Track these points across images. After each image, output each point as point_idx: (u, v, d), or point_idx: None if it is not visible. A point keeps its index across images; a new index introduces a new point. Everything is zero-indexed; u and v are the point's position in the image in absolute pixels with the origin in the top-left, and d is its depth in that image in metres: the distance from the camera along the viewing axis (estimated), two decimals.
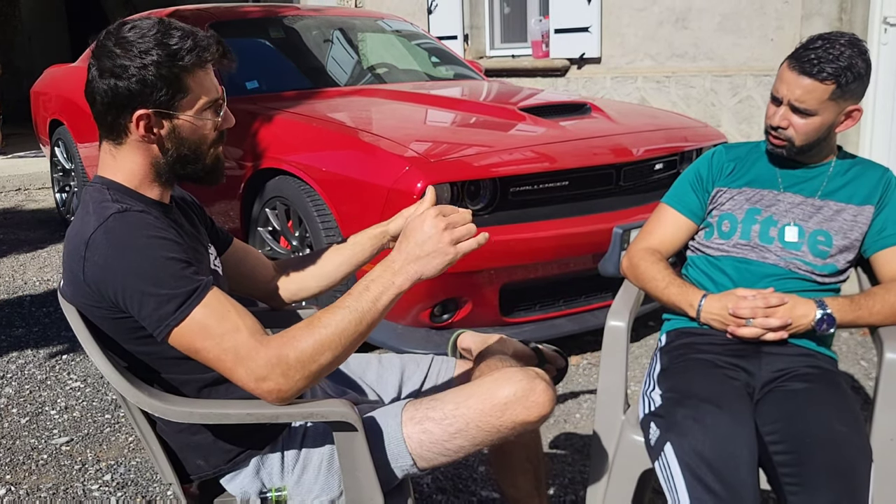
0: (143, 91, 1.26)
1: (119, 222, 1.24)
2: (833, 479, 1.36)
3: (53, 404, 2.76)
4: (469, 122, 3.26)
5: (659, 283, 1.77)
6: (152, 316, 1.22)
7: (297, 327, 1.24)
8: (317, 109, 3.37)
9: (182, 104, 1.29)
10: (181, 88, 1.28)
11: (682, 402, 1.51)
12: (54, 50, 11.16)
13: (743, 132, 4.88)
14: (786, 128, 1.67)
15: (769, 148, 1.74)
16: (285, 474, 1.40)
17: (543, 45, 5.91)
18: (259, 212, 3.21)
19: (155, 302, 1.21)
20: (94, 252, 1.23)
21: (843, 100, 1.63)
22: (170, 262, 1.23)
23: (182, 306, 1.21)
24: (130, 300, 1.22)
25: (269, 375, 1.20)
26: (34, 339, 3.39)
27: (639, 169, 3.07)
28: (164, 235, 1.25)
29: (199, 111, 1.31)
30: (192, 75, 1.28)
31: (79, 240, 1.26)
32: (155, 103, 1.27)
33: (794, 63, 1.63)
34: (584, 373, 2.94)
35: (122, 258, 1.22)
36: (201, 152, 1.34)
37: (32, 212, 6.15)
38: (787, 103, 1.65)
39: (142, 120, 1.28)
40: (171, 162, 1.33)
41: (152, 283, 1.21)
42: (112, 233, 1.23)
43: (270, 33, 4.19)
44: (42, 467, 2.35)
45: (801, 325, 1.61)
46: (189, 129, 1.31)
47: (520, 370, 1.35)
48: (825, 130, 1.67)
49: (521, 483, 1.64)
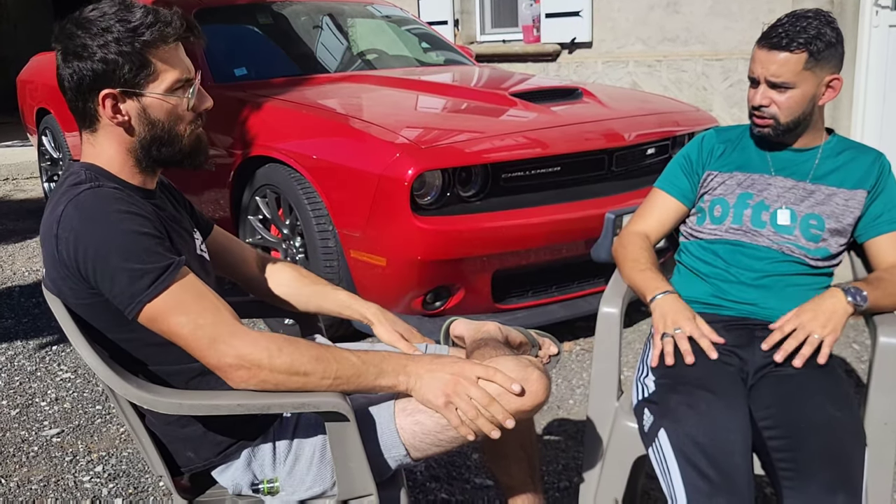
0: (106, 70, 1.24)
1: (90, 196, 1.22)
2: (828, 463, 1.36)
3: (44, 396, 2.74)
4: (460, 108, 3.23)
5: (639, 264, 1.76)
6: (125, 292, 1.19)
7: (304, 340, 1.25)
8: (306, 96, 3.34)
9: (148, 81, 1.26)
10: (145, 64, 1.25)
11: (676, 389, 1.51)
12: (40, 38, 11.01)
13: (735, 116, 4.87)
14: (768, 105, 1.67)
15: (755, 131, 1.74)
16: (277, 465, 1.39)
17: (534, 29, 5.88)
18: (249, 200, 3.19)
19: (127, 277, 1.19)
20: (65, 228, 1.21)
21: (820, 69, 1.64)
22: (142, 236, 1.21)
23: (156, 282, 1.19)
24: (102, 276, 1.20)
25: (251, 363, 1.19)
26: (23, 330, 3.37)
27: (631, 154, 3.06)
28: (136, 211, 1.23)
29: (169, 90, 1.28)
30: (155, 51, 1.26)
31: (51, 219, 1.24)
32: (119, 82, 1.25)
33: (764, 42, 1.65)
34: (577, 359, 2.93)
35: (93, 232, 1.20)
36: (176, 133, 1.32)
37: (20, 202, 6.10)
38: (764, 81, 1.65)
39: (108, 99, 1.25)
40: (146, 144, 1.31)
41: (124, 258, 1.19)
42: (81, 206, 1.21)
43: (259, 19, 4.15)
44: (32, 459, 2.33)
45: (836, 312, 1.54)
46: (159, 108, 1.29)
47: (513, 359, 1.34)
48: (808, 104, 1.67)
49: (514, 470, 1.64)
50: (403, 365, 1.29)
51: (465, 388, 1.26)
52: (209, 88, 3.51)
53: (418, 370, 1.29)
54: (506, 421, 1.26)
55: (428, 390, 1.28)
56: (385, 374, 1.27)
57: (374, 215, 2.66)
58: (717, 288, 1.75)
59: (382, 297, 2.68)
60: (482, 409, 1.26)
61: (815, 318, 1.55)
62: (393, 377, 1.28)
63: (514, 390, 1.25)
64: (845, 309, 1.55)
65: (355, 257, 2.76)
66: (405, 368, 1.29)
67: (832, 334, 1.54)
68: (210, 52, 3.71)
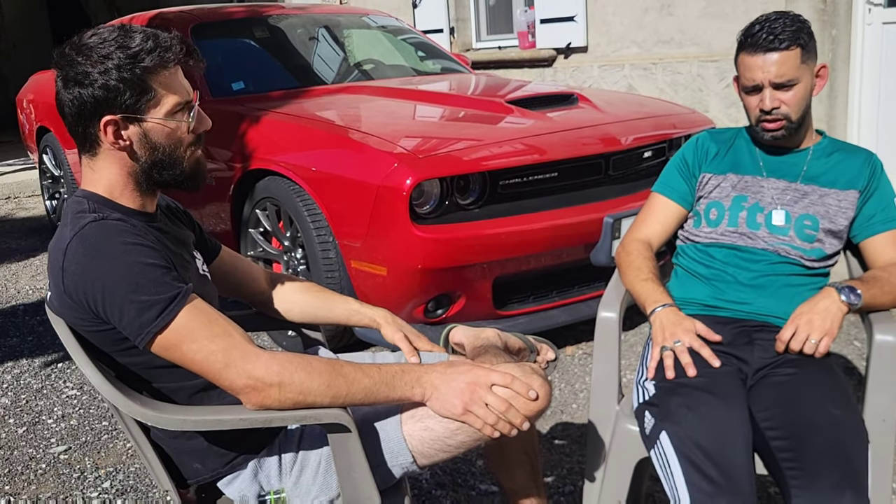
0: (107, 97, 1.25)
1: (94, 230, 1.24)
2: (834, 462, 1.36)
3: (50, 413, 2.76)
4: (457, 116, 3.25)
5: (641, 273, 1.77)
6: (133, 323, 1.21)
7: (317, 360, 1.26)
8: (304, 108, 3.37)
9: (149, 107, 1.28)
10: (146, 90, 1.26)
11: (676, 391, 1.52)
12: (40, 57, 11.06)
13: (731, 116, 4.89)
14: (779, 107, 1.68)
15: (768, 137, 1.72)
16: (283, 476, 1.40)
17: (530, 35, 5.90)
18: (249, 213, 3.21)
19: (135, 309, 1.20)
20: (71, 261, 1.23)
21: (811, 60, 1.68)
22: (148, 267, 1.22)
23: (164, 312, 1.21)
24: (111, 308, 1.21)
25: (265, 385, 1.21)
26: (29, 348, 3.38)
27: (628, 157, 3.07)
28: (142, 242, 1.25)
29: (170, 114, 1.30)
30: (156, 76, 1.27)
31: (57, 251, 1.26)
32: (121, 108, 1.26)
33: (753, 48, 1.67)
34: (579, 363, 2.94)
35: (99, 266, 1.21)
36: (177, 156, 1.33)
37: (23, 220, 6.12)
38: (768, 84, 1.66)
39: (109, 126, 1.27)
40: (147, 168, 1.32)
41: (131, 290, 1.20)
42: (87, 240, 1.23)
43: (255, 33, 4.17)
44: (41, 477, 2.35)
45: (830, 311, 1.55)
46: (160, 132, 1.30)
47: (516, 366, 1.36)
48: (809, 96, 1.70)
49: (518, 475, 1.65)
50: (417, 377, 1.30)
51: (481, 395, 1.27)
52: (206, 103, 3.56)
53: (433, 381, 1.30)
54: (522, 424, 1.27)
55: (445, 400, 1.29)
56: (397, 388, 1.29)
57: (373, 225, 2.68)
58: (715, 290, 1.76)
59: (384, 307, 2.68)
60: (500, 415, 1.27)
61: (811, 322, 1.56)
62: (407, 390, 1.29)
63: (531, 397, 1.27)
64: (839, 308, 1.56)
65: (356, 267, 2.78)
66: (419, 380, 1.30)
67: (828, 336, 1.55)
68: (207, 67, 3.72)
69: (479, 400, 1.27)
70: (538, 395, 1.28)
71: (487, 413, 1.27)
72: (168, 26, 3.85)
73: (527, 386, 1.28)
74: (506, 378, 1.29)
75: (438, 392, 1.29)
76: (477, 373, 1.30)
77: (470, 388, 1.28)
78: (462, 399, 1.28)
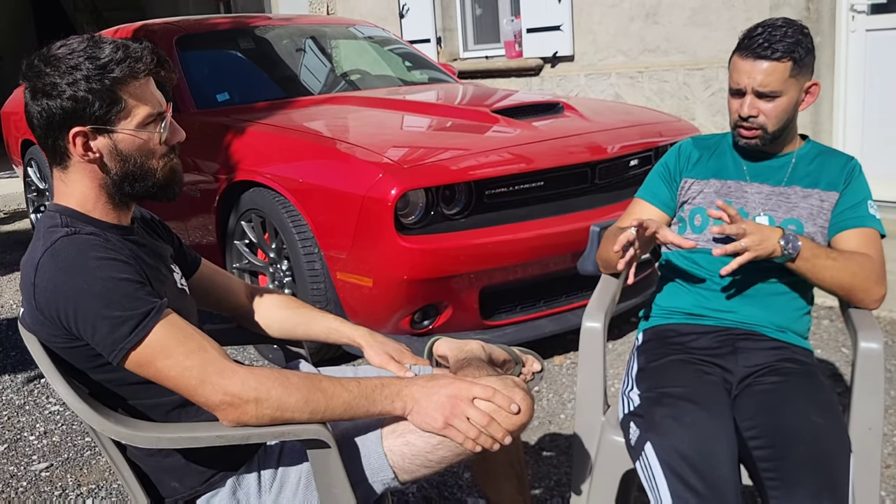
0: (76, 108, 1.23)
1: (66, 244, 1.21)
2: (813, 471, 1.36)
3: (32, 429, 2.72)
4: (443, 126, 3.25)
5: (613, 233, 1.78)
6: (106, 339, 1.19)
7: (295, 374, 1.24)
8: (290, 119, 3.35)
9: (119, 118, 1.26)
10: (115, 101, 1.24)
11: (661, 401, 1.51)
12: None
13: (717, 124, 4.90)
14: (756, 115, 1.67)
15: (742, 142, 1.73)
16: (263, 493, 1.38)
17: (516, 44, 5.91)
18: (235, 225, 3.19)
19: (108, 325, 1.18)
20: (43, 277, 1.21)
21: (802, 75, 1.67)
22: (122, 282, 1.20)
23: (138, 327, 1.18)
24: (83, 324, 1.19)
25: (241, 401, 1.19)
26: (11, 363, 3.34)
27: (614, 166, 3.07)
28: (115, 256, 1.23)
29: (141, 125, 1.28)
30: (126, 87, 1.25)
31: (29, 266, 1.23)
32: (90, 119, 1.24)
33: (745, 52, 1.65)
34: (567, 373, 2.93)
35: (71, 281, 1.19)
36: (149, 168, 1.31)
37: (8, 233, 6.07)
38: (751, 91, 1.66)
39: (78, 137, 1.25)
40: (118, 180, 1.30)
41: (104, 306, 1.18)
42: (59, 255, 1.21)
43: (240, 44, 4.16)
44: (21, 495, 2.31)
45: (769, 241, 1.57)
46: (131, 143, 1.28)
47: (498, 379, 1.34)
48: (793, 110, 1.69)
49: (504, 488, 1.63)
50: (398, 391, 1.28)
51: (462, 409, 1.26)
52: (191, 115, 3.55)
53: (414, 394, 1.28)
54: (504, 438, 1.26)
55: (426, 414, 1.27)
56: (377, 402, 1.27)
57: (359, 236, 2.66)
58: (700, 297, 1.75)
59: (370, 318, 2.67)
60: (482, 429, 1.25)
61: (752, 234, 1.56)
62: (388, 404, 1.27)
63: (513, 410, 1.25)
64: (773, 246, 1.57)
65: (342, 279, 2.76)
66: (400, 394, 1.28)
67: (753, 253, 1.56)
68: (192, 78, 3.72)
69: (461, 413, 1.25)
70: (520, 408, 1.26)
71: (469, 427, 1.25)
72: (153, 38, 3.84)
73: (509, 399, 1.26)
74: (487, 391, 1.27)
75: (419, 406, 1.27)
76: (458, 386, 1.28)
77: (451, 402, 1.26)
78: (443, 413, 1.26)
